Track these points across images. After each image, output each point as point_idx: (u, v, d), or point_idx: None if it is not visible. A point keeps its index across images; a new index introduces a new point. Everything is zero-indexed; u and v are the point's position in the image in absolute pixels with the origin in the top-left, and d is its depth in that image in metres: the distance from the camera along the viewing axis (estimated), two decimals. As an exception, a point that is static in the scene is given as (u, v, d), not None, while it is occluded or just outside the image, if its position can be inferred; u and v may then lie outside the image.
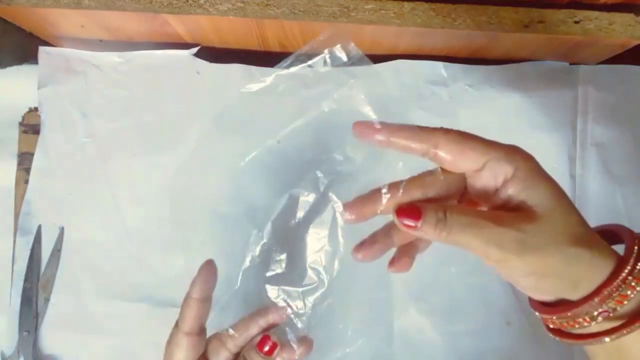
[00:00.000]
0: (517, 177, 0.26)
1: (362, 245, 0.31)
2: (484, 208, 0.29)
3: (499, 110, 0.46)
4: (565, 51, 0.44)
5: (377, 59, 0.47)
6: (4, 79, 0.48)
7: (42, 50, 0.48)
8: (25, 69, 0.48)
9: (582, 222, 0.26)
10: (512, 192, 0.26)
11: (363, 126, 0.31)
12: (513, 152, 0.27)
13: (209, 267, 0.35)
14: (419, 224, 0.27)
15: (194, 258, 0.45)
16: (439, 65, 0.46)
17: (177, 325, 0.35)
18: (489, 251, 0.25)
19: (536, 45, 0.43)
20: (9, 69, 0.48)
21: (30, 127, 0.48)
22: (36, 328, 0.45)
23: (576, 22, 0.35)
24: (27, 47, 0.48)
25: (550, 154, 0.45)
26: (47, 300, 0.45)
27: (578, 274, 0.25)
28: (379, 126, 0.30)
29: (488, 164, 0.27)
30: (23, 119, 0.49)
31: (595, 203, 0.45)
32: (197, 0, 0.35)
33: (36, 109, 0.48)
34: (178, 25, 0.43)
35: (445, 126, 0.46)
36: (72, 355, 0.45)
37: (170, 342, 0.34)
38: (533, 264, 0.25)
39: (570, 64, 0.46)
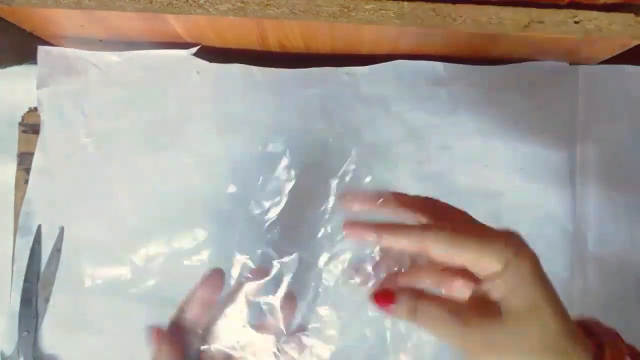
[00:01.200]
0: (503, 279, 0.27)
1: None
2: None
3: (499, 110, 0.46)
4: (565, 51, 0.44)
5: (377, 59, 0.47)
6: (4, 79, 0.48)
7: (42, 49, 0.48)
8: (25, 69, 0.48)
9: (563, 331, 0.26)
10: (495, 289, 0.27)
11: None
12: (507, 251, 0.27)
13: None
14: (393, 308, 0.29)
15: (194, 258, 0.46)
16: (439, 65, 0.46)
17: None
18: (454, 346, 0.27)
19: (536, 45, 0.43)
20: (9, 69, 0.48)
21: (30, 127, 0.48)
22: (36, 328, 0.45)
23: (576, 22, 0.35)
24: (27, 47, 0.48)
25: (550, 154, 0.45)
26: (47, 300, 0.45)
27: None
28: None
29: (479, 263, 0.27)
30: (23, 119, 0.49)
31: (595, 203, 0.45)
32: (197, 0, 0.35)
33: (36, 109, 0.48)
34: (178, 25, 0.43)
35: (445, 125, 0.46)
36: (72, 355, 0.45)
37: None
38: None
39: (570, 64, 0.46)
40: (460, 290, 0.31)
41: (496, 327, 0.26)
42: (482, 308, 0.27)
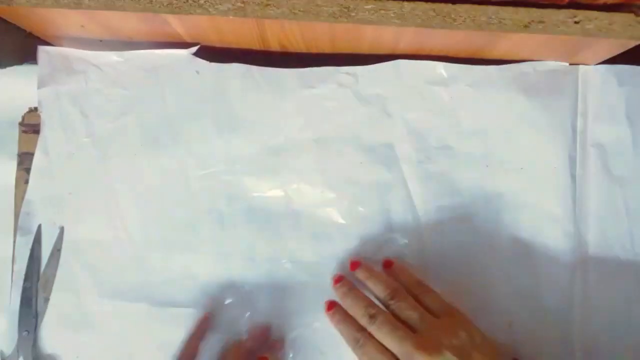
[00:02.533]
0: None
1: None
2: None
3: (499, 110, 0.46)
4: (565, 51, 0.44)
5: (377, 59, 0.47)
6: (4, 79, 0.48)
7: (42, 49, 0.48)
8: (25, 69, 0.48)
9: None
10: None
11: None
12: None
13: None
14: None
15: (194, 258, 0.46)
16: (439, 65, 0.46)
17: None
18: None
19: (536, 45, 0.43)
20: (9, 69, 0.48)
21: (30, 127, 0.48)
22: (36, 328, 0.45)
23: (576, 22, 0.35)
24: (27, 47, 0.48)
25: (550, 154, 0.45)
26: (46, 300, 0.45)
27: None
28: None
29: None
30: (23, 119, 0.49)
31: (595, 203, 0.45)
32: (197, 0, 0.35)
33: (36, 108, 0.48)
34: (178, 25, 0.43)
35: (445, 125, 0.46)
36: (72, 355, 0.45)
37: None
38: None
39: (570, 64, 0.46)
40: None
41: None
42: None
